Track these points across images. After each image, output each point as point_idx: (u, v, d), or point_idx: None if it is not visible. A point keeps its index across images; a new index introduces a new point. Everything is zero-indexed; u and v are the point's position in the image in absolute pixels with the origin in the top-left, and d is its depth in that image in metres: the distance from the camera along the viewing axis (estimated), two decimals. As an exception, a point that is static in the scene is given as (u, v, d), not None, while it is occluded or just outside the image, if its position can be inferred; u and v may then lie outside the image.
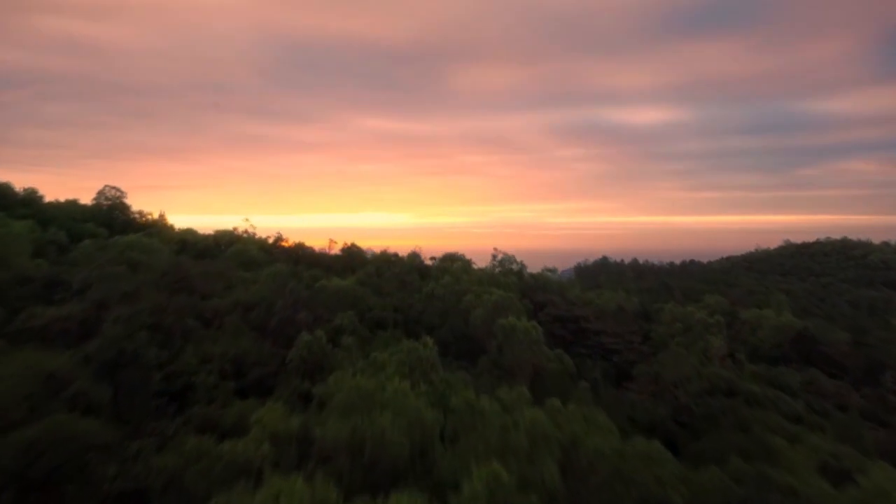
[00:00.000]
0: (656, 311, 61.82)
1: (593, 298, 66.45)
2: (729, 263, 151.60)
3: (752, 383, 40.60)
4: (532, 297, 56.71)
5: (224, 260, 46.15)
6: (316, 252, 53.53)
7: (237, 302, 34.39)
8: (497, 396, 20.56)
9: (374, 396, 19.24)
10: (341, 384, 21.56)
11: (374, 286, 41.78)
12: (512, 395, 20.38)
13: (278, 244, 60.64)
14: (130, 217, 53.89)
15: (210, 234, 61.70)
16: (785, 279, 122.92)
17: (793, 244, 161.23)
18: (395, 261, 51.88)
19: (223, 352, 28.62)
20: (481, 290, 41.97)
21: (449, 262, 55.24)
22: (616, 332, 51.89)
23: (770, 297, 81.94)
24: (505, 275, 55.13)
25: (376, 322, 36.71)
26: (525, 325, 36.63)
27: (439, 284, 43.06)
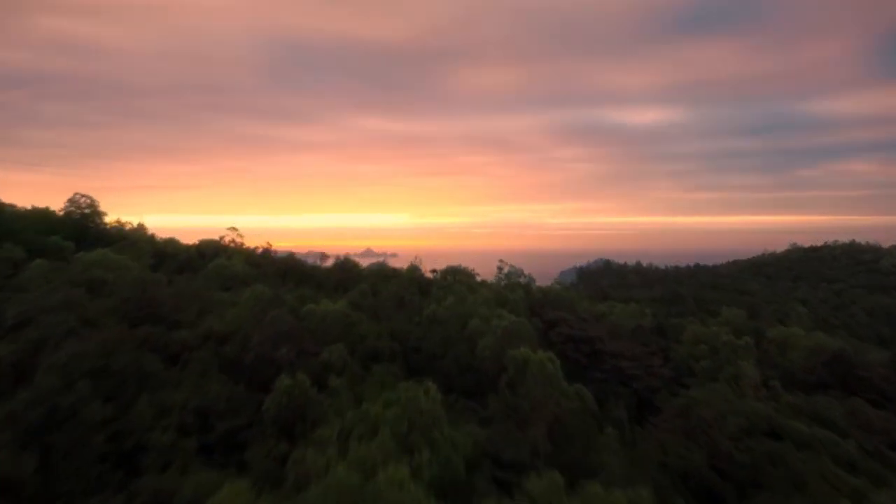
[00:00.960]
0: (673, 327, 57.08)
1: (605, 312, 61.75)
2: (736, 267, 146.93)
3: (794, 419, 35.89)
4: (542, 315, 52.01)
5: (203, 277, 41.29)
6: (306, 266, 48.64)
7: (209, 333, 29.52)
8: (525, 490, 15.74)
9: (360, 491, 14.50)
10: (319, 463, 16.80)
11: (370, 308, 36.98)
12: (542, 485, 15.62)
13: (267, 255, 55.79)
14: (104, 228, 48.87)
15: (193, 245, 56.88)
16: (796, 285, 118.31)
17: (800, 247, 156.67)
18: (393, 276, 47.06)
19: (186, 400, 23.76)
20: (489, 314, 37.13)
21: (452, 277, 50.44)
22: (634, 354, 47.15)
23: (788, 309, 77.34)
24: (512, 289, 50.30)
25: (371, 354, 31.85)
26: (540, 357, 31.85)
27: (441, 306, 38.21)
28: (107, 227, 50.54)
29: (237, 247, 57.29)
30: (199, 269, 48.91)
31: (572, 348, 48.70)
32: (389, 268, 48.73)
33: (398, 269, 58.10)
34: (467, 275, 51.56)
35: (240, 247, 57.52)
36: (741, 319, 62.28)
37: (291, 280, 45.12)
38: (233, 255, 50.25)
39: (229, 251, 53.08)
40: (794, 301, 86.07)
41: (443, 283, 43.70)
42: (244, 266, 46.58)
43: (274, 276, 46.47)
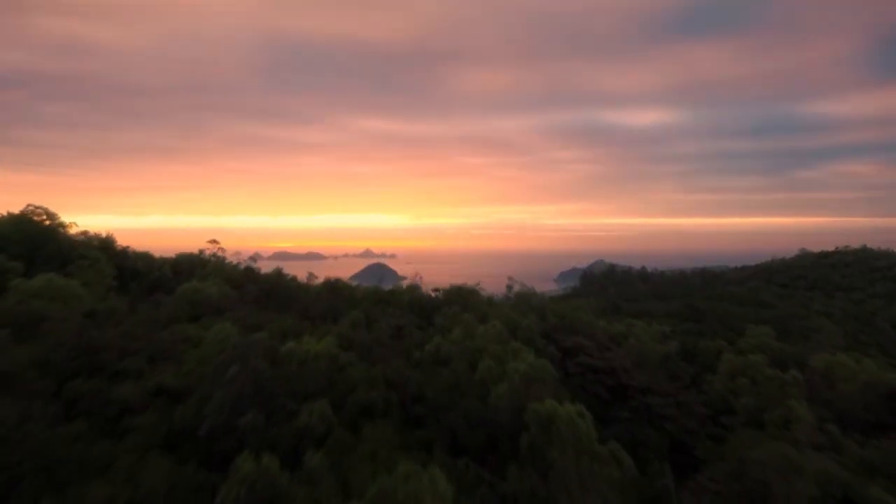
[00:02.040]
0: (703, 351, 51.11)
1: (624, 333, 55.74)
2: (745, 274, 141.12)
3: (869, 481, 30.01)
4: (558, 342, 46.11)
5: (170, 305, 35.25)
6: (292, 287, 42.53)
7: (160, 388, 23.50)
8: None
9: None
10: None
11: (362, 345, 30.98)
12: None
13: (251, 272, 49.71)
14: (64, 243, 42.63)
15: (170, 259, 50.75)
16: (811, 294, 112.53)
17: (810, 253, 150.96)
18: (390, 298, 41.05)
19: (112, 496, 17.74)
20: (502, 351, 31.13)
21: (458, 298, 44.44)
22: (665, 389, 41.23)
23: (815, 325, 71.50)
24: (523, 313, 44.29)
25: (361, 408, 25.80)
26: (568, 411, 25.98)
27: (447, 340, 32.19)
28: (69, 241, 44.35)
29: (218, 261, 51.22)
30: (174, 290, 42.93)
31: (593, 380, 42.68)
32: (385, 290, 42.70)
33: (397, 285, 52.14)
34: (473, 294, 45.54)
35: (221, 261, 51.43)
36: (770, 339, 56.52)
37: (274, 304, 39.10)
38: (210, 274, 44.16)
39: (209, 267, 46.99)
40: (818, 315, 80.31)
41: (447, 310, 37.60)
42: (222, 288, 40.52)
43: (255, 300, 40.46)
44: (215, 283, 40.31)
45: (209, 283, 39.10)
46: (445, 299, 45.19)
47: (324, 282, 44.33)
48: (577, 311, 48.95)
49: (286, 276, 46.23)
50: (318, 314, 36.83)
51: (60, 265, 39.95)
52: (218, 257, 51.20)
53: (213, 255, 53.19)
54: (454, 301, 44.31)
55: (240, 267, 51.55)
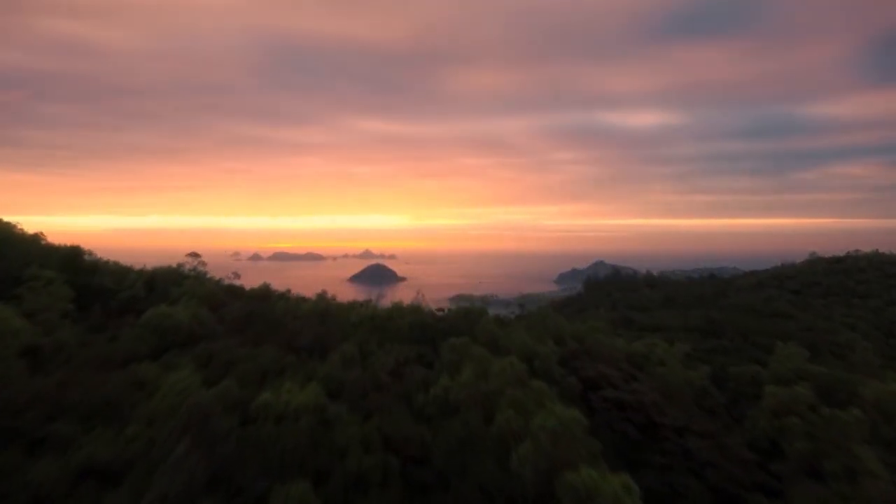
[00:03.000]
0: (734, 376, 45.74)
1: (645, 354, 50.38)
2: (755, 279, 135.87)
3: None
4: (578, 370, 40.75)
5: (130, 336, 29.85)
6: (277, 310, 36.98)
7: (88, 466, 18.16)
8: None
9: None
10: None
11: (354, 390, 25.66)
12: None
13: (234, 290, 44.30)
14: (14, 260, 36.84)
15: (147, 272, 45.26)
16: (827, 302, 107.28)
17: (821, 258, 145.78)
18: (389, 324, 35.67)
19: None
20: (524, 397, 25.77)
21: (465, 322, 39.13)
22: (704, 428, 35.93)
23: (845, 340, 66.21)
24: (539, 338, 38.96)
25: (353, 479, 20.48)
26: (613, 487, 20.78)
27: (456, 383, 26.87)
28: (24, 254, 38.86)
29: (198, 277, 45.82)
30: (145, 311, 37.54)
31: (620, 417, 37.40)
32: (383, 311, 37.26)
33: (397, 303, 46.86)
34: (482, 315, 40.20)
35: (201, 277, 46.03)
36: (804, 362, 51.24)
37: (256, 329, 33.71)
38: (186, 293, 38.74)
39: (185, 286, 41.58)
40: (843, 327, 75.14)
41: (455, 341, 32.19)
42: (197, 311, 35.11)
43: (234, 325, 35.06)
44: (189, 305, 34.94)
45: (181, 307, 33.72)
46: (452, 321, 39.86)
47: (315, 300, 38.83)
48: (595, 332, 43.58)
49: (273, 294, 40.76)
50: (305, 344, 31.44)
51: (13, 284, 34.58)
52: (198, 272, 45.81)
53: (193, 269, 47.79)
54: (461, 325, 39.00)
55: (223, 282, 46.15)
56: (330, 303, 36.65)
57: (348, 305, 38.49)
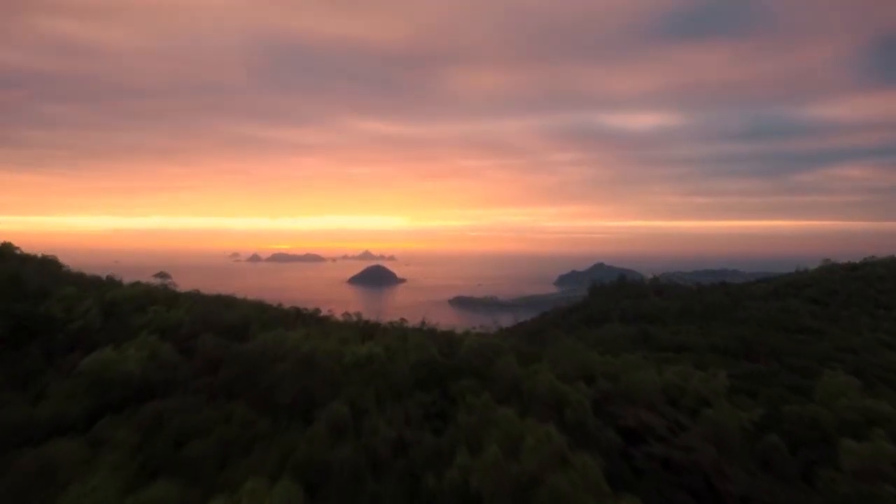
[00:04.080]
0: (789, 417, 39.30)
1: (680, 386, 43.88)
2: (769, 287, 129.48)
3: None
4: (616, 418, 33.93)
5: (58, 394, 23.18)
6: (255, 355, 30.05)
7: None
8: None
9: None
10: None
11: (343, 478, 19.19)
12: None
13: (209, 319, 37.62)
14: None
15: (106, 295, 38.58)
16: (851, 313, 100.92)
17: (835, 264, 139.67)
18: (389, 368, 29.05)
19: None
20: (569, 487, 19.24)
21: (483, 365, 32.50)
22: (776, 498, 29.20)
23: (889, 363, 59.85)
24: (567, 378, 32.37)
25: None
26: None
27: (478, 463, 20.33)
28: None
29: (171, 296, 39.27)
30: (102, 343, 31.00)
31: (672, 482, 30.86)
32: (378, 356, 30.41)
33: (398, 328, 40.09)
34: (502, 351, 33.61)
35: (174, 298, 39.47)
36: (859, 394, 44.92)
37: (225, 380, 27.16)
38: (146, 328, 32.15)
39: (150, 313, 35.00)
40: (881, 346, 68.80)
41: (473, 400, 25.56)
42: (156, 350, 28.56)
43: (201, 369, 28.51)
44: (146, 344, 28.34)
45: (133, 349, 27.11)
46: (465, 358, 33.32)
47: (301, 337, 32.07)
48: (633, 368, 37.06)
49: (250, 330, 33.90)
50: (286, 400, 24.88)
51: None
52: (167, 292, 39.19)
53: (167, 285, 41.19)
54: (476, 363, 32.46)
55: (197, 309, 39.37)
56: (314, 355, 29.24)
57: (334, 351, 31.52)
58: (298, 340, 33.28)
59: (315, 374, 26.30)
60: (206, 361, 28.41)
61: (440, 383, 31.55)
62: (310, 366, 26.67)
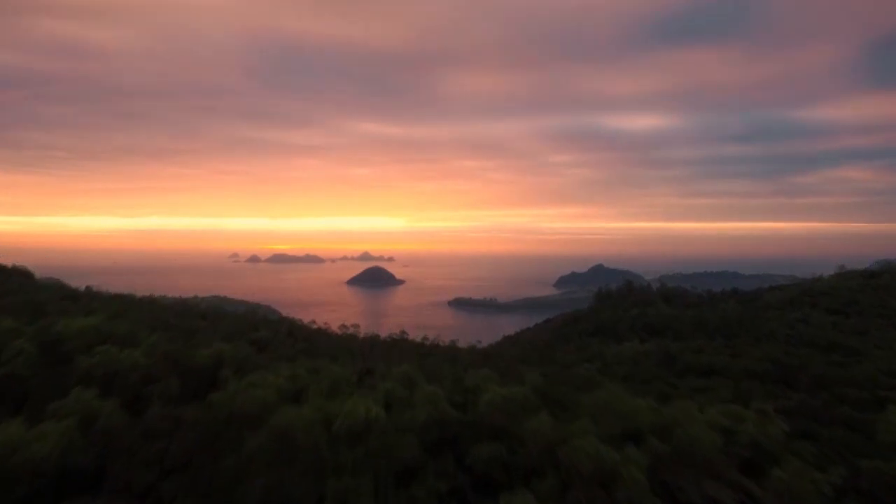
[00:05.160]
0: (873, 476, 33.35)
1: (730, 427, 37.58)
2: (784, 296, 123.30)
3: None
4: (674, 493, 27.54)
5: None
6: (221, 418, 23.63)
7: None
8: None
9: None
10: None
11: None
12: None
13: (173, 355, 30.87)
14: None
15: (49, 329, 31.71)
16: (877, 326, 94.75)
17: (851, 271, 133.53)
18: (391, 441, 22.45)
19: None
20: None
21: (504, 415, 25.73)
22: None
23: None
24: (615, 440, 25.68)
25: None
26: None
27: None
28: None
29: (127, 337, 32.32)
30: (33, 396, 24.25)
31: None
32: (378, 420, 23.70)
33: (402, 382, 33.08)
34: (534, 407, 26.80)
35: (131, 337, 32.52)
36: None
37: (170, 467, 20.43)
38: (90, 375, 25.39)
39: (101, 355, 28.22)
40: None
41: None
42: (83, 424, 21.79)
43: (148, 435, 21.84)
44: (73, 412, 21.50)
45: (48, 427, 20.19)
46: (485, 413, 26.53)
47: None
48: (690, 419, 30.35)
49: (221, 373, 27.25)
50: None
51: None
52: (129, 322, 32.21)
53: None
54: (500, 421, 25.69)
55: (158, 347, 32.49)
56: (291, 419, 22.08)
57: (331, 386, 24.83)
58: (279, 388, 26.35)
59: (294, 460, 19.40)
60: (154, 434, 21.55)
61: (455, 447, 24.83)
62: (288, 445, 19.78)
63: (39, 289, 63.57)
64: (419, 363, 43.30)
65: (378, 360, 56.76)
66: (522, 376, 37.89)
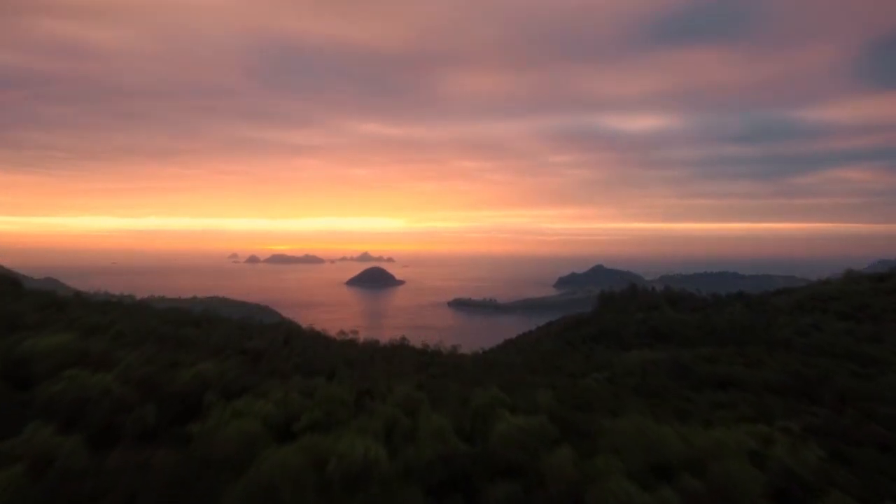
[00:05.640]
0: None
1: (763, 454, 34.79)
2: (792, 299, 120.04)
3: None
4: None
5: None
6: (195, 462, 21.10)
7: None
8: None
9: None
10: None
11: None
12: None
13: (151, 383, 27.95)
14: None
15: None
16: (887, 330, 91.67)
17: (861, 274, 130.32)
18: (393, 488, 19.68)
19: None
20: None
21: (520, 450, 22.59)
22: None
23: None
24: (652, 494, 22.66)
25: None
26: None
27: None
28: None
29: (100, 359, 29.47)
30: None
31: None
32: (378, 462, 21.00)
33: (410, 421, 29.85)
34: (547, 439, 23.72)
35: (103, 359, 29.69)
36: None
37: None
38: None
39: (68, 384, 25.37)
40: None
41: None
42: (37, 467, 18.90)
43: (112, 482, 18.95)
44: (27, 451, 18.69)
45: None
46: (500, 445, 23.49)
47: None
48: (723, 451, 27.33)
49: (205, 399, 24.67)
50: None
51: None
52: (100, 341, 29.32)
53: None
54: (515, 457, 22.63)
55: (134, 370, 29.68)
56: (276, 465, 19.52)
57: (325, 416, 21.86)
58: (267, 417, 23.23)
59: None
60: (117, 482, 18.43)
61: (465, 486, 21.79)
62: (272, 499, 16.64)
63: (24, 297, 60.45)
64: (421, 380, 40.16)
65: (378, 370, 53.37)
66: (534, 396, 34.51)
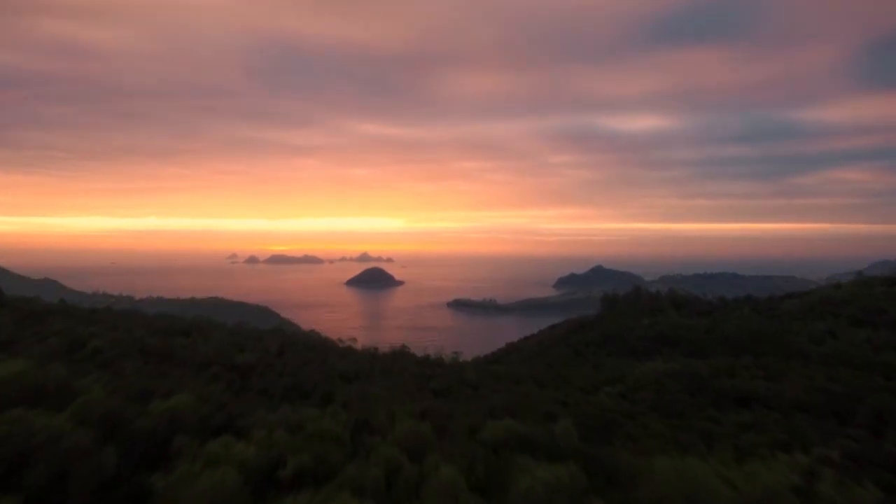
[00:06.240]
0: None
1: (805, 490, 31.21)
2: (803, 303, 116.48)
3: None
4: None
5: None
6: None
7: None
8: None
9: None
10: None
11: None
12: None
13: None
14: None
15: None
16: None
17: (872, 277, 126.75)
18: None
19: None
20: None
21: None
22: None
23: None
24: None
25: None
26: None
27: None
28: None
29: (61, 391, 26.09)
30: None
31: None
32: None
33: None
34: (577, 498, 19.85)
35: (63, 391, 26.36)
36: None
37: None
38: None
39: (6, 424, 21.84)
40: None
41: None
42: None
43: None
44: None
45: None
46: None
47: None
48: (768, 494, 23.61)
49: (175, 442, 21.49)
50: None
51: None
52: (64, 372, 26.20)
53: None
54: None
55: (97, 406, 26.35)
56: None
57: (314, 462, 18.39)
58: (245, 464, 19.22)
59: None
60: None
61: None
62: None
63: (2, 306, 56.34)
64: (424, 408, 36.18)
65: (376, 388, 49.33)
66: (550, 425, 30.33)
